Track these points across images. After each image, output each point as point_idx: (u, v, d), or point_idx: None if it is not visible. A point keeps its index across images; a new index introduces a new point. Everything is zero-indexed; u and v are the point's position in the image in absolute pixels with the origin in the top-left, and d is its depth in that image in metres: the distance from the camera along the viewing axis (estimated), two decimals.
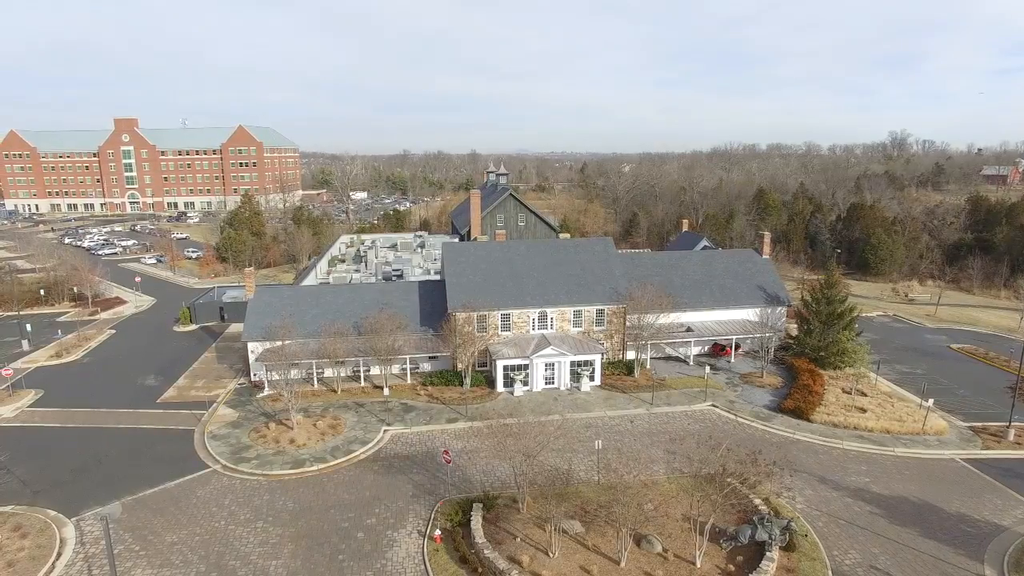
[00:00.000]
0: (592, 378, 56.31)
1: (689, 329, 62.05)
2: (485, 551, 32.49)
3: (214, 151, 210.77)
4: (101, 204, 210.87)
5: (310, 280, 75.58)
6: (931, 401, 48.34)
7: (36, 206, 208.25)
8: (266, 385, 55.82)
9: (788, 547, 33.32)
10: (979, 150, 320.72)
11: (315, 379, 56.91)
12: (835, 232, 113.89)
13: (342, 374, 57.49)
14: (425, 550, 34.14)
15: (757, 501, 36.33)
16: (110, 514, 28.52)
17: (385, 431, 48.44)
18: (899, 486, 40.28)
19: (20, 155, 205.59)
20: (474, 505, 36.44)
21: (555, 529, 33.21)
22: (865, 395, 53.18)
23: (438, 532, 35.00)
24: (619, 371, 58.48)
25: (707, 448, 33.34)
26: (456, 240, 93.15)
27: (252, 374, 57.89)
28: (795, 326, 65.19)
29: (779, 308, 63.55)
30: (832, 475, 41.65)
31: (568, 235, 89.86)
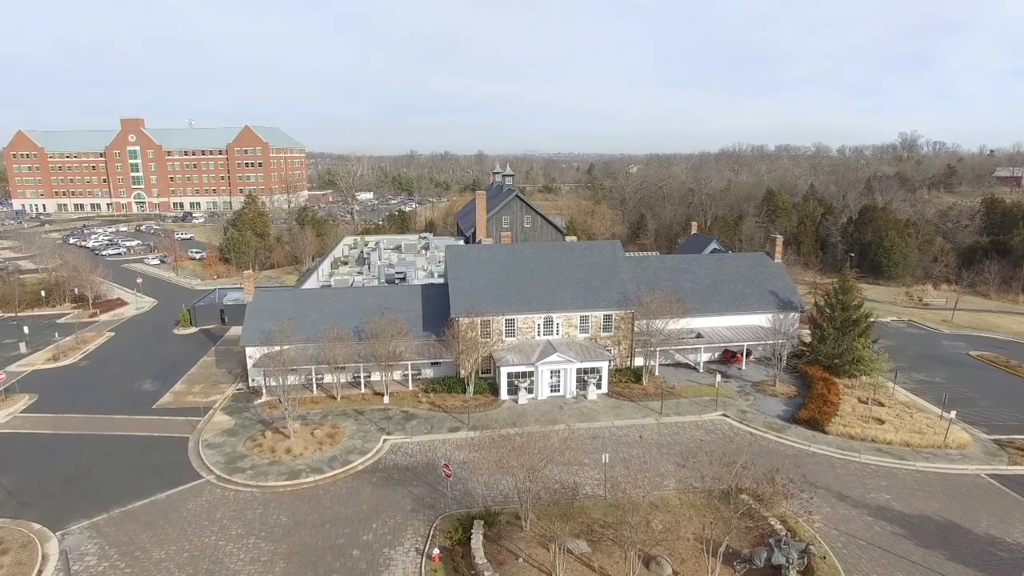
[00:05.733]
0: (599, 386, 54.56)
1: (699, 335, 60.22)
2: (486, 573, 30.85)
3: (220, 151, 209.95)
4: (107, 204, 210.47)
5: (311, 283, 74.19)
6: (953, 412, 46.39)
7: (43, 206, 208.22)
8: (264, 391, 54.41)
9: (806, 571, 31.50)
10: (991, 151, 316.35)
11: (314, 385, 55.46)
12: (846, 235, 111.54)
13: (342, 380, 55.95)
14: (423, 570, 32.54)
15: (773, 521, 34.53)
16: (70, 547, 27.20)
17: (385, 440, 46.89)
18: (922, 504, 38.36)
19: (28, 155, 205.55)
20: (475, 522, 34.81)
21: (560, 549, 31.56)
22: (882, 405, 51.21)
23: (436, 551, 33.36)
24: (627, 378, 56.72)
25: (720, 465, 31.53)
26: (461, 242, 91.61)
27: (250, 379, 56.50)
28: (808, 332, 63.24)
29: (792, 314, 61.64)
30: (851, 491, 39.76)
31: (575, 237, 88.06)
